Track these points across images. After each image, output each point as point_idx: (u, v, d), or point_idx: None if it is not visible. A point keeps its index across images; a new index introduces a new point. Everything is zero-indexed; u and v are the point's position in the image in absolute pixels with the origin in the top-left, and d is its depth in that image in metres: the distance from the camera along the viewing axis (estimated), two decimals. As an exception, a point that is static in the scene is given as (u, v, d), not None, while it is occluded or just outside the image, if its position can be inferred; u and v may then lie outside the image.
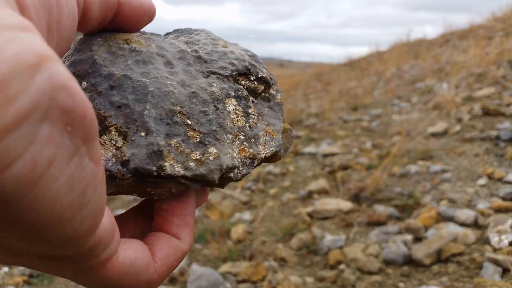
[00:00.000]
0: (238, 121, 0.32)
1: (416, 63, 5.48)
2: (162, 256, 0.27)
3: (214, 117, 0.30)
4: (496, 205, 1.57)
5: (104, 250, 0.22)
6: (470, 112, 2.83)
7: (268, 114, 0.34)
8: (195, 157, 0.27)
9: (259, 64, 0.35)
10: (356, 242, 1.66)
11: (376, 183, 2.06)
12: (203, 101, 0.30)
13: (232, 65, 0.33)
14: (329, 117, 4.01)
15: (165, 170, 0.26)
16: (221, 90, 0.31)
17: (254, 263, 1.53)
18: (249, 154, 0.31)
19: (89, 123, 0.17)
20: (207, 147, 0.28)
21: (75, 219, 0.17)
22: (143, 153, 0.26)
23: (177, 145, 0.27)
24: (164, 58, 0.31)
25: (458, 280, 1.28)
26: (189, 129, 0.28)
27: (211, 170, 0.28)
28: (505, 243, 1.22)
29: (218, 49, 0.34)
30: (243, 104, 0.32)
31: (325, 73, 8.47)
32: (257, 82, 0.34)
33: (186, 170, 0.27)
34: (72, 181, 0.16)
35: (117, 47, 0.29)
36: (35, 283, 1.52)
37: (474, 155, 2.22)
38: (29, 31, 0.15)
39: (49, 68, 0.15)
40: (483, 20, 6.78)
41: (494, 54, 4.05)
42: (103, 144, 0.27)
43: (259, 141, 0.32)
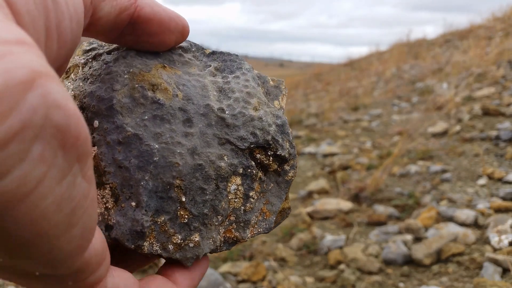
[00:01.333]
0: (235, 202, 0.30)
1: (416, 63, 5.48)
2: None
3: (211, 198, 0.29)
4: (496, 205, 1.57)
5: (92, 274, 0.21)
6: (470, 112, 2.83)
7: (271, 191, 0.33)
8: (176, 241, 0.28)
9: (283, 138, 0.32)
10: (356, 242, 1.66)
11: (376, 183, 2.06)
12: (207, 176, 0.28)
13: (254, 136, 0.31)
14: (329, 117, 4.01)
15: (143, 249, 0.27)
16: (230, 166, 0.30)
17: (254, 263, 1.53)
18: (233, 236, 0.31)
19: (83, 142, 0.16)
20: (191, 232, 0.28)
21: (63, 238, 0.17)
22: (127, 227, 0.26)
23: (163, 223, 0.27)
24: (186, 114, 0.29)
25: (458, 280, 1.28)
26: (180, 207, 0.27)
27: (186, 258, 0.28)
28: (505, 243, 1.22)
29: (247, 112, 0.31)
30: (246, 185, 0.31)
31: (325, 73, 8.47)
32: (273, 159, 0.32)
33: (163, 251, 0.27)
34: (61, 200, 0.16)
35: (140, 94, 0.28)
36: (35, 283, 1.52)
37: (474, 155, 2.22)
38: (25, 45, 0.14)
39: (42, 85, 0.14)
40: (483, 20, 6.78)
41: (494, 54, 4.05)
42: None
43: (248, 225, 0.31)
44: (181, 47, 0.32)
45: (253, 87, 0.33)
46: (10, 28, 0.15)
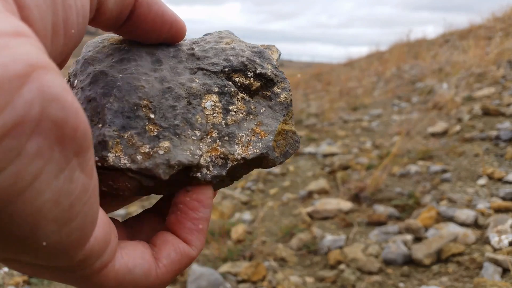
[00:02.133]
0: (214, 117, 0.29)
1: (416, 63, 5.48)
2: (167, 263, 0.26)
3: (182, 111, 0.28)
4: (496, 205, 1.57)
5: (97, 259, 0.21)
6: (470, 112, 2.83)
7: (264, 114, 0.32)
8: (144, 151, 0.26)
9: (262, 61, 0.32)
10: (356, 242, 1.66)
11: (376, 183, 2.06)
12: (177, 96, 0.28)
13: (227, 61, 0.31)
14: (329, 117, 4.01)
15: (107, 161, 0.26)
16: (202, 86, 0.30)
17: (254, 263, 1.53)
18: (220, 153, 0.29)
19: (81, 135, 0.16)
20: (160, 140, 0.27)
21: (62, 232, 0.17)
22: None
23: (129, 137, 0.26)
24: (154, 57, 0.30)
25: (458, 280, 1.28)
26: (149, 123, 0.27)
27: (157, 164, 0.26)
28: (505, 243, 1.22)
29: (218, 46, 0.32)
30: (225, 101, 0.30)
31: (325, 73, 8.47)
32: (254, 79, 0.31)
33: (132, 163, 0.26)
34: (59, 195, 0.16)
35: (109, 49, 0.30)
36: (35, 283, 1.52)
37: (474, 155, 2.22)
38: (23, 37, 0.14)
39: (39, 78, 0.14)
40: (483, 20, 6.78)
41: (494, 54, 4.05)
42: None
43: (234, 140, 0.30)
44: None
45: (227, 35, 0.34)
46: (8, 20, 0.14)
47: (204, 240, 0.28)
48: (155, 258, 0.26)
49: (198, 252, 0.28)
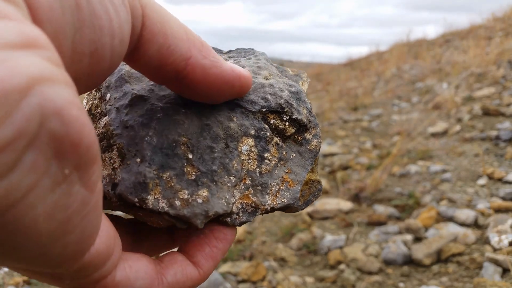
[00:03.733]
0: (248, 164, 0.29)
1: (416, 63, 5.48)
2: (171, 281, 0.25)
3: (219, 155, 0.27)
4: (496, 205, 1.57)
5: (96, 271, 0.21)
6: (470, 112, 2.83)
7: (294, 160, 0.31)
8: (183, 196, 0.26)
9: (298, 103, 0.31)
10: (356, 242, 1.66)
11: (376, 183, 2.06)
12: (215, 136, 0.27)
13: (265, 101, 0.30)
14: (329, 117, 4.01)
15: (147, 203, 0.25)
16: (240, 127, 0.29)
17: (254, 263, 1.53)
18: (251, 202, 0.29)
19: (84, 150, 0.16)
20: (199, 188, 0.26)
21: (56, 245, 0.17)
22: (130, 180, 0.25)
23: (168, 179, 0.26)
24: None
25: (458, 280, 1.28)
26: (187, 164, 0.26)
27: (195, 214, 0.26)
28: (505, 243, 1.22)
29: (257, 80, 0.31)
30: (260, 147, 0.29)
31: (325, 73, 8.47)
32: (289, 124, 0.30)
33: (170, 207, 0.25)
34: (54, 208, 0.16)
35: None
36: (35, 283, 1.52)
37: (474, 155, 2.22)
38: (32, 48, 0.14)
39: (41, 92, 0.14)
40: (483, 20, 6.78)
41: (494, 54, 4.05)
42: (104, 161, 0.26)
43: (267, 190, 0.29)
44: None
45: (264, 63, 0.32)
46: (18, 28, 0.14)
47: (212, 270, 0.28)
48: (161, 273, 0.25)
49: (203, 279, 0.27)
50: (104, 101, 0.29)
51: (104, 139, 0.27)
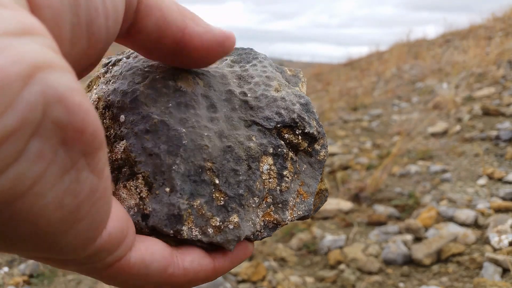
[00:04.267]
0: (269, 183, 0.30)
1: (416, 63, 5.48)
2: (187, 266, 0.25)
3: (244, 178, 0.28)
4: (496, 205, 1.57)
5: (110, 254, 0.21)
6: (470, 112, 2.83)
7: (305, 172, 0.32)
8: (215, 224, 0.27)
9: (309, 116, 0.32)
10: (356, 242, 1.66)
11: (376, 183, 2.06)
12: (237, 158, 0.28)
13: (279, 116, 0.31)
14: (329, 117, 4.01)
15: (182, 234, 0.26)
16: (259, 146, 0.30)
17: (254, 263, 1.53)
18: (273, 219, 0.30)
19: (89, 136, 0.15)
20: (229, 214, 0.27)
21: (68, 233, 0.17)
22: (163, 212, 0.25)
23: (199, 207, 0.26)
24: (209, 100, 0.29)
25: (458, 280, 1.28)
26: (215, 190, 0.27)
27: (228, 240, 0.27)
28: (505, 243, 1.22)
29: (269, 93, 0.31)
30: (279, 164, 0.30)
31: (325, 73, 8.47)
32: (302, 138, 0.32)
33: (203, 235, 0.26)
34: (63, 196, 0.16)
35: (162, 84, 0.28)
36: (35, 283, 1.52)
37: (474, 155, 2.22)
38: (31, 35, 0.14)
39: (42, 79, 0.14)
40: (483, 20, 6.78)
41: (494, 54, 4.05)
42: (129, 190, 0.26)
43: (287, 206, 0.31)
44: None
45: (271, 71, 0.33)
46: (14, 17, 0.14)
47: (226, 271, 0.28)
48: (178, 257, 0.25)
49: (216, 275, 0.27)
50: (117, 122, 0.28)
51: (126, 166, 0.27)
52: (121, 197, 0.27)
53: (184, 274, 0.25)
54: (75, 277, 1.56)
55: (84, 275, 0.23)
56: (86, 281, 1.54)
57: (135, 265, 0.23)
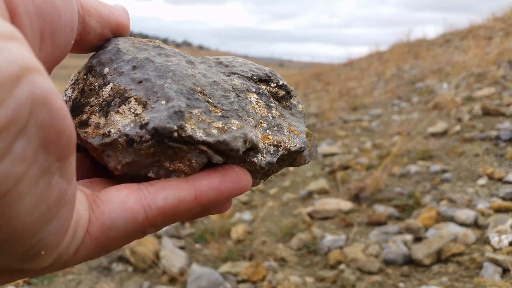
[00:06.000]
0: (260, 111, 0.31)
1: (416, 63, 5.48)
2: (161, 205, 0.24)
3: (235, 100, 0.29)
4: (496, 205, 1.57)
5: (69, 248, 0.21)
6: (470, 112, 2.83)
7: (290, 118, 0.34)
8: (217, 126, 0.26)
9: (278, 76, 0.35)
10: (356, 242, 1.66)
11: (376, 183, 2.06)
12: (224, 89, 0.30)
13: (253, 72, 0.34)
14: (329, 117, 4.01)
15: (186, 130, 0.25)
16: (243, 84, 0.32)
17: (254, 263, 1.53)
18: (273, 141, 0.30)
19: (66, 140, 0.16)
20: (229, 119, 0.27)
21: (36, 236, 0.17)
22: (163, 115, 0.25)
23: (198, 114, 0.26)
24: (186, 58, 0.31)
25: (458, 280, 1.28)
26: (210, 105, 0.27)
27: (235, 137, 0.26)
28: (505, 243, 1.22)
29: (238, 60, 0.35)
30: (264, 99, 0.32)
31: (325, 73, 8.47)
32: (278, 88, 0.34)
33: (208, 136, 0.25)
34: (37, 199, 0.16)
35: (141, 44, 0.30)
36: (35, 283, 1.52)
37: (474, 155, 2.22)
38: (15, 40, 0.14)
39: (31, 81, 0.14)
40: (483, 20, 6.78)
41: (494, 54, 4.04)
42: (122, 113, 0.26)
43: (282, 131, 0.31)
44: None
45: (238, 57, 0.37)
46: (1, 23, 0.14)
47: (210, 202, 0.26)
48: (148, 199, 0.24)
49: (199, 205, 0.25)
50: (102, 75, 0.29)
51: (116, 98, 0.27)
52: (114, 122, 0.26)
53: (161, 213, 0.24)
54: (75, 277, 1.56)
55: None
56: (86, 281, 1.54)
57: (98, 235, 0.22)
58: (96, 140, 0.26)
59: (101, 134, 0.26)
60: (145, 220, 0.23)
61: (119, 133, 0.25)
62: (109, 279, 1.55)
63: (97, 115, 0.27)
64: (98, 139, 0.26)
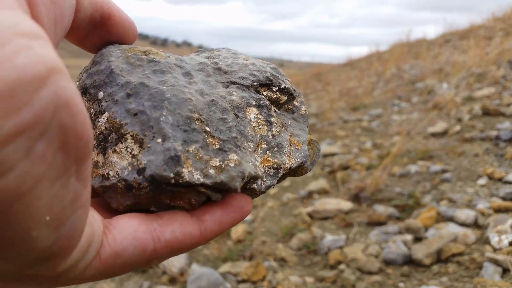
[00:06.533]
0: (260, 129, 0.30)
1: (416, 63, 5.48)
2: (169, 238, 0.25)
3: (234, 124, 0.28)
4: (496, 205, 1.57)
5: (81, 260, 0.21)
6: (470, 112, 2.83)
7: (292, 126, 0.33)
8: (215, 164, 0.26)
9: (281, 76, 0.34)
10: (356, 242, 1.66)
11: (376, 183, 2.06)
12: (223, 109, 0.28)
13: (253, 76, 0.32)
14: (329, 117, 4.01)
15: (183, 177, 0.24)
16: (242, 99, 0.30)
17: (254, 263, 1.53)
18: (272, 164, 0.30)
19: (84, 143, 0.16)
20: (227, 153, 0.27)
21: (51, 238, 0.17)
22: (159, 159, 0.24)
23: (195, 151, 0.25)
24: (183, 69, 0.30)
25: (458, 280, 1.28)
26: (207, 136, 0.27)
27: (232, 177, 0.26)
28: (505, 243, 1.22)
29: (238, 61, 0.33)
30: (265, 113, 0.31)
31: (325, 73, 8.47)
32: (280, 93, 0.33)
33: (205, 177, 0.25)
34: (53, 201, 0.16)
35: (135, 58, 0.29)
36: (35, 283, 1.52)
37: (474, 155, 2.22)
38: (40, 39, 0.14)
39: (56, 82, 0.14)
40: (483, 20, 6.78)
41: (494, 54, 4.04)
42: (119, 153, 0.26)
43: (283, 150, 0.31)
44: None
45: (236, 52, 0.35)
46: (24, 20, 0.14)
47: (216, 235, 0.27)
48: (157, 231, 0.25)
49: (204, 240, 0.26)
50: (96, 100, 0.28)
51: (112, 133, 0.26)
52: (112, 163, 0.26)
53: (167, 246, 0.24)
54: (75, 277, 1.56)
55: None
56: (86, 281, 1.55)
57: (108, 259, 0.22)
58: (96, 181, 0.26)
59: (101, 175, 0.26)
60: (152, 251, 0.24)
61: (118, 177, 0.25)
62: (109, 279, 1.55)
63: (95, 151, 0.27)
64: (98, 181, 0.26)
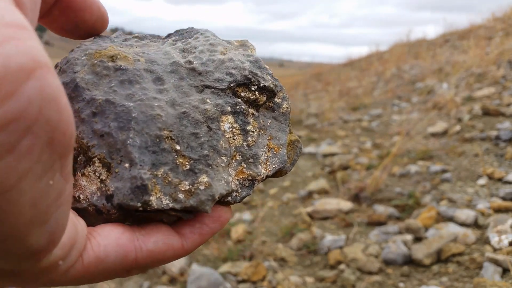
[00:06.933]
0: (235, 140, 0.29)
1: (416, 63, 5.48)
2: (152, 248, 0.25)
3: (206, 139, 0.27)
4: (496, 205, 1.57)
5: (63, 260, 0.21)
6: (470, 112, 2.83)
7: (271, 127, 0.32)
8: (184, 188, 0.25)
9: (261, 71, 0.32)
10: (356, 242, 1.66)
11: (376, 183, 2.06)
12: (195, 121, 0.27)
13: (230, 76, 0.30)
14: (329, 117, 4.01)
15: (151, 205, 0.24)
16: (216, 107, 0.29)
17: (254, 263, 1.53)
18: (248, 176, 0.29)
19: (68, 138, 0.16)
20: (197, 175, 0.26)
21: (35, 234, 0.17)
22: (126, 187, 0.24)
23: (164, 175, 0.25)
24: (154, 74, 0.28)
25: (458, 280, 1.28)
26: (178, 156, 0.26)
27: (202, 201, 0.26)
28: (505, 243, 1.22)
29: (215, 57, 0.31)
30: (240, 121, 0.30)
31: (325, 73, 8.47)
32: (259, 93, 0.31)
33: (175, 202, 0.25)
34: (39, 196, 0.15)
35: (101, 67, 0.27)
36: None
37: (474, 155, 2.22)
38: (26, 30, 0.14)
39: (41, 77, 0.14)
40: (483, 20, 6.78)
41: (494, 54, 4.04)
42: (88, 176, 0.25)
43: (258, 160, 0.30)
44: (136, 36, 0.33)
45: (214, 39, 0.33)
46: (11, 11, 0.14)
47: (197, 246, 0.27)
48: (140, 240, 0.25)
49: (186, 252, 0.27)
50: None
51: (81, 154, 0.26)
52: (82, 186, 0.25)
53: (149, 256, 0.25)
54: (75, 277, 1.57)
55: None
56: (86, 281, 1.55)
57: (90, 264, 0.22)
58: None
59: (73, 196, 0.26)
60: (134, 260, 0.24)
61: (88, 202, 0.25)
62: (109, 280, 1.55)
63: None
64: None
